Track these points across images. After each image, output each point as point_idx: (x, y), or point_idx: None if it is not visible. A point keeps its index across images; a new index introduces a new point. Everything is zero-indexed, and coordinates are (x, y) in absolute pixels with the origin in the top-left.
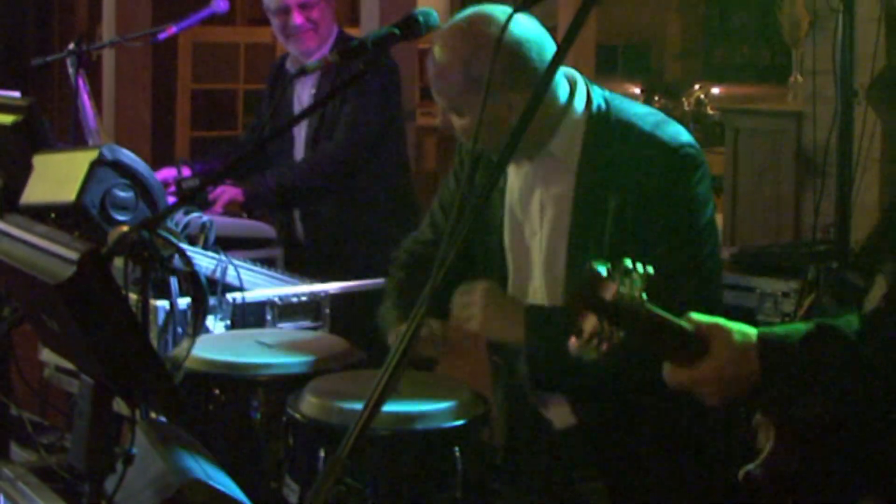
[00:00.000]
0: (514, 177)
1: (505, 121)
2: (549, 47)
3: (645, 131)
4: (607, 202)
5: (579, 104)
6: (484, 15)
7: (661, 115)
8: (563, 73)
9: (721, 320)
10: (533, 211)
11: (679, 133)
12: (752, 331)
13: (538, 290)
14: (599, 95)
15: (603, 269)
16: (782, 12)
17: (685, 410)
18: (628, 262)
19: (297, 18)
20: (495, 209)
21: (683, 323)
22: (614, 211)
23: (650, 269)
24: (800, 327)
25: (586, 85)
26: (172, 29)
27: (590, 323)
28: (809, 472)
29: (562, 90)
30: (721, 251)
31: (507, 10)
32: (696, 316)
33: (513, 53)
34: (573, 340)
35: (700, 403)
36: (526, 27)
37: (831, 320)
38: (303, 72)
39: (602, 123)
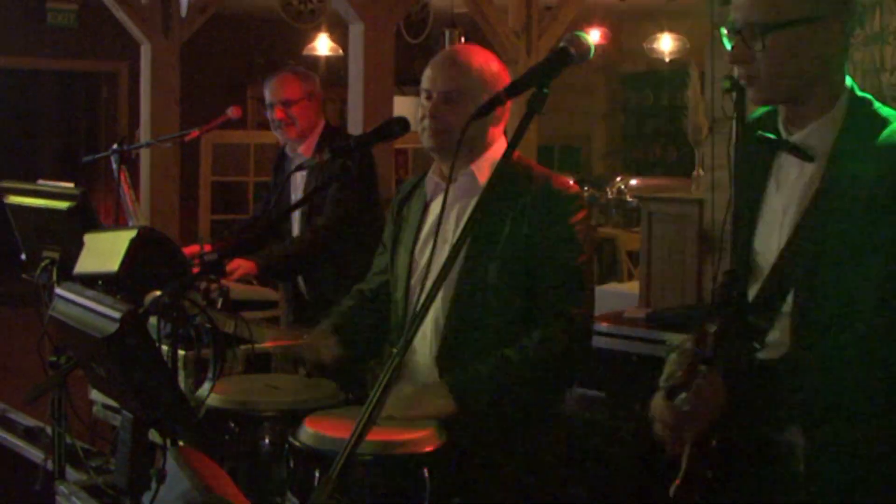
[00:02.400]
0: (436, 203)
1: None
2: None
3: (541, 175)
4: (503, 226)
5: (502, 145)
6: None
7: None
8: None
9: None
10: (450, 223)
11: (568, 182)
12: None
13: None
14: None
15: None
16: (687, 119)
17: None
18: None
19: (279, 113)
20: (410, 230)
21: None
22: (507, 234)
23: None
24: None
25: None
26: (196, 133)
27: None
28: (720, 478)
29: (499, 134)
30: (593, 282)
31: None
32: None
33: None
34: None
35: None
36: None
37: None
38: (300, 167)
39: (512, 165)
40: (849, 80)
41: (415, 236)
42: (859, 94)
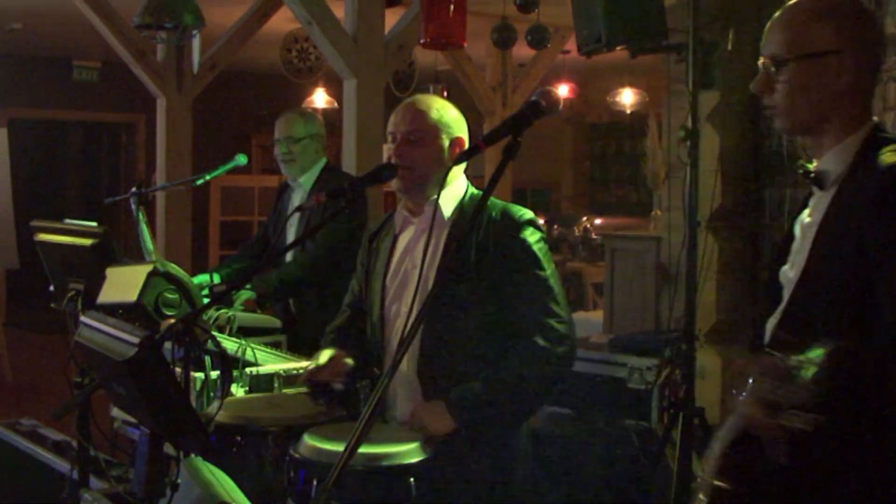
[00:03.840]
0: (404, 235)
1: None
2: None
3: (500, 206)
4: (470, 250)
5: (463, 183)
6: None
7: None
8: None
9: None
10: (418, 250)
11: (524, 210)
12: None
13: (407, 307)
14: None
15: None
16: (646, 165)
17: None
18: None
19: (282, 148)
20: (382, 259)
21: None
22: (474, 257)
23: None
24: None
25: (469, 182)
26: (206, 177)
27: None
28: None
29: (460, 174)
30: (564, 297)
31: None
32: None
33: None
34: None
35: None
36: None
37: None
38: (300, 209)
39: (473, 198)
40: (875, 119)
41: (386, 265)
42: (883, 133)
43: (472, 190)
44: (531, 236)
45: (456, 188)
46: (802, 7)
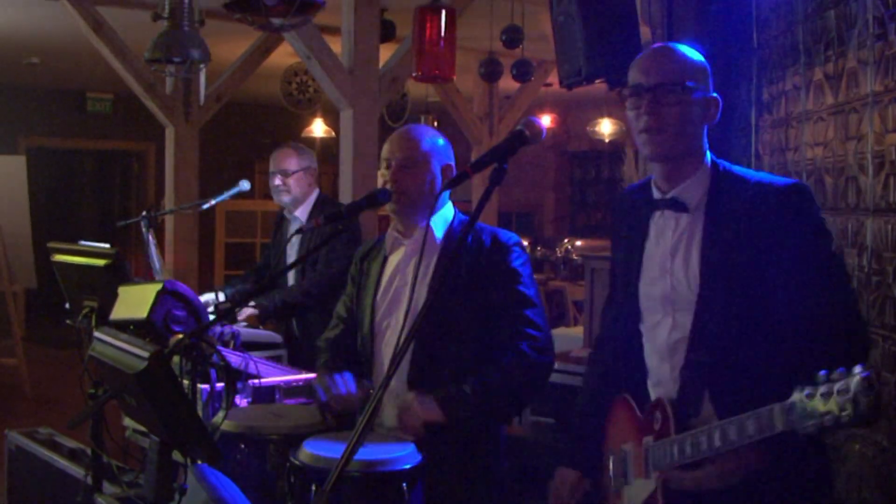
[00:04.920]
0: (394, 255)
1: (433, 177)
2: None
3: (487, 230)
4: (460, 269)
5: (451, 208)
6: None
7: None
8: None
9: None
10: (409, 271)
11: (511, 234)
12: None
13: (398, 322)
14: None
15: None
16: (623, 187)
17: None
18: None
19: (277, 180)
20: (373, 278)
21: None
22: (465, 275)
23: None
24: None
25: (455, 208)
26: (212, 202)
27: None
28: None
29: (447, 199)
30: (545, 313)
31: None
32: None
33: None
34: None
35: None
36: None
37: None
38: (300, 231)
39: (462, 222)
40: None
41: (376, 283)
42: (721, 163)
43: (460, 215)
44: (517, 258)
45: (445, 213)
46: (682, 49)
